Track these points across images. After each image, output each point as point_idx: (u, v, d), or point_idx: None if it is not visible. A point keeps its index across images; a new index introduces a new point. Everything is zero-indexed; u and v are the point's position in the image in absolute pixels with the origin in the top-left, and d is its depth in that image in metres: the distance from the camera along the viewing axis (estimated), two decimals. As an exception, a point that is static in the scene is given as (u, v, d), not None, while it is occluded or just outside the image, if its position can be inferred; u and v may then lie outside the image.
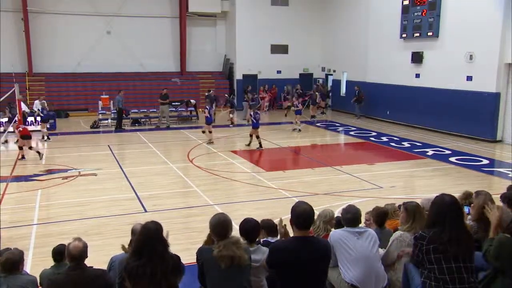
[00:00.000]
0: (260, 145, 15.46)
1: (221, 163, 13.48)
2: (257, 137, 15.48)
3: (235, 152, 14.97)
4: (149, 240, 3.38)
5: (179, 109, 22.33)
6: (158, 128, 19.99)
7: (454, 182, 11.29)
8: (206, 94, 21.85)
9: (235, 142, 17.07)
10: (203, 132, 16.56)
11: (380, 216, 4.91)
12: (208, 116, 16.53)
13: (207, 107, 16.90)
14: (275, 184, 11.06)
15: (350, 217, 4.17)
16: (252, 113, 15.84)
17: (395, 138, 17.58)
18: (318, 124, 21.43)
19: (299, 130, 18.27)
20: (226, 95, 23.60)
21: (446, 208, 3.48)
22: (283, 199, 9.81)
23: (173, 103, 22.07)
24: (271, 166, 13.20)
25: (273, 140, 17.01)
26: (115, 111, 20.01)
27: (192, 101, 22.09)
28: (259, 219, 4.40)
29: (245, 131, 19.48)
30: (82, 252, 3.66)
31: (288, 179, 11.57)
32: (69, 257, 3.66)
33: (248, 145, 15.69)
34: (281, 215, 6.07)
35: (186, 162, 13.53)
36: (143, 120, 21.18)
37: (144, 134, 18.56)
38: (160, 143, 16.51)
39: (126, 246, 4.20)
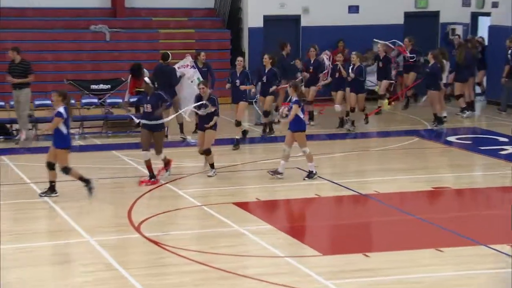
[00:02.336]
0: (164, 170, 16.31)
1: (211, 233, 13.49)
2: (166, 164, 16.32)
3: (243, 206, 15.01)
4: None
5: (107, 102, 22.68)
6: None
7: None
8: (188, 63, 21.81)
9: (242, 182, 17.07)
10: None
11: None
12: (59, 111, 15.97)
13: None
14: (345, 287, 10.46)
15: None
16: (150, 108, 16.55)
17: None
18: (450, 139, 21.63)
19: (277, 174, 17.00)
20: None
21: None
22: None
23: (92, 87, 22.17)
24: (332, 243, 13.19)
25: (336, 176, 17.07)
26: None
27: (146, 79, 21.68)
28: None
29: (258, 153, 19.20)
30: None
31: (376, 276, 11.08)
32: None
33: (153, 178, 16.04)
34: None
35: (126, 229, 13.54)
36: (15, 128, 20.96)
37: (23, 159, 18.63)
38: (62, 182, 15.95)
39: None
